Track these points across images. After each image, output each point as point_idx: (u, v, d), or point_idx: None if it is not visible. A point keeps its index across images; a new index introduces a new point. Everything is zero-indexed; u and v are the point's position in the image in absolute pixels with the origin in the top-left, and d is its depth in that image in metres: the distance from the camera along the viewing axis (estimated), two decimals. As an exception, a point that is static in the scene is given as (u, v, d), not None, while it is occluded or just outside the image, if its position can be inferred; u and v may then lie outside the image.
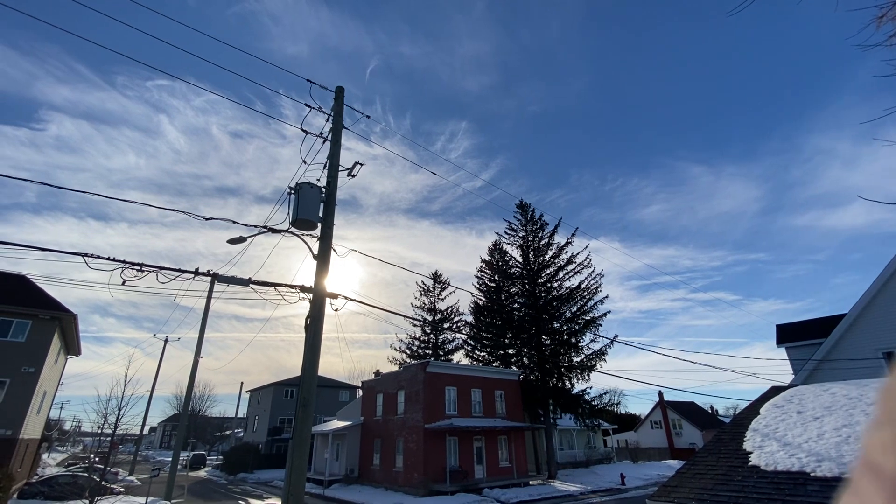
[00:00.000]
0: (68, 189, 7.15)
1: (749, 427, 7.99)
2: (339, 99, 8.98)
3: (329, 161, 8.61)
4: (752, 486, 6.07)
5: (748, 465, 6.65)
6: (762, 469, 6.36)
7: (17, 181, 7.12)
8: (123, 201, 7.36)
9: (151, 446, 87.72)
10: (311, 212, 7.95)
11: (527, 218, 37.12)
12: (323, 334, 7.75)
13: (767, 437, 7.30)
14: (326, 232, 8.08)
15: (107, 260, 6.80)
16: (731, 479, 6.43)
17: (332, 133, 8.74)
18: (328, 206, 8.23)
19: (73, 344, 29.64)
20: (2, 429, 20.99)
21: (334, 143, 8.64)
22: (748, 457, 6.88)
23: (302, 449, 6.82)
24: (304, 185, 8.04)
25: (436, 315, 42.07)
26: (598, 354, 31.63)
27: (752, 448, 7.12)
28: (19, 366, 22.05)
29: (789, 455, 6.38)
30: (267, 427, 45.25)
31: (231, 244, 9.46)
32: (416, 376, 26.77)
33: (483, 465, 26.15)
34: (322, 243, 8.06)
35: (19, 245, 6.58)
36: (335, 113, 8.84)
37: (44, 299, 24.26)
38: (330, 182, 8.37)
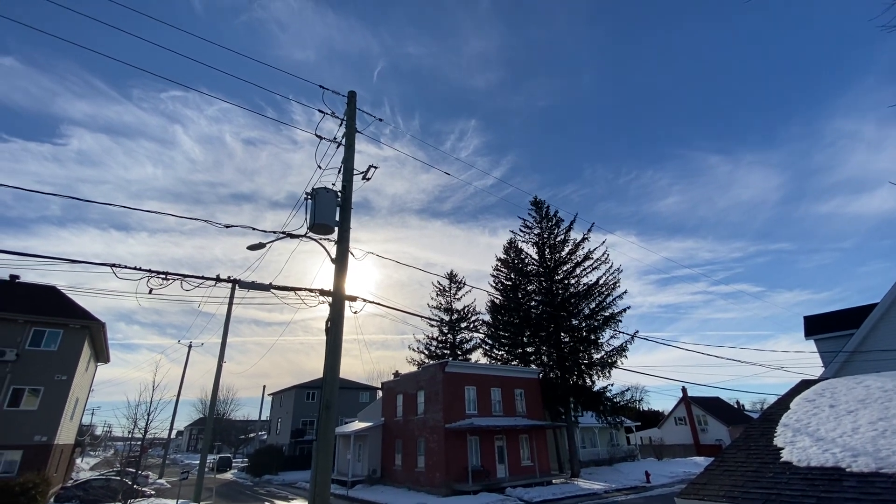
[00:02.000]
0: (92, 201, 7.38)
1: (779, 422, 7.79)
2: (352, 103, 9.05)
3: (343, 165, 8.69)
4: (785, 482, 5.91)
5: (780, 461, 6.48)
6: (795, 465, 6.19)
7: (42, 195, 7.31)
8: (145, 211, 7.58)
9: (179, 450, 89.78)
10: (327, 216, 8.03)
11: (541, 215, 36.86)
12: (343, 336, 7.83)
13: (799, 433, 7.10)
14: (343, 235, 8.16)
15: (133, 269, 6.99)
16: (763, 476, 6.28)
17: (345, 137, 8.82)
18: (344, 209, 8.31)
19: (103, 351, 30.56)
20: (38, 435, 21.77)
21: (348, 148, 8.71)
22: (779, 453, 6.70)
23: (326, 450, 6.90)
24: (321, 190, 8.14)
25: (453, 315, 42.11)
26: (618, 351, 31.22)
27: (783, 444, 6.94)
28: (52, 374, 22.84)
29: (823, 450, 6.20)
30: (290, 429, 45.91)
31: (251, 251, 9.62)
32: (435, 376, 26.84)
33: (505, 465, 26.06)
34: (339, 247, 8.13)
35: (51, 258, 6.81)
36: (348, 117, 8.92)
37: (73, 309, 25.07)
38: (345, 186, 8.45)
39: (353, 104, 9.07)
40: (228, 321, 20.82)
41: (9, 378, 21.65)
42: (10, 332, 22.31)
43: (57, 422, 22.47)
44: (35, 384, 22.30)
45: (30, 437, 21.52)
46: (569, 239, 35.27)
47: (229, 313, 20.86)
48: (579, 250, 34.48)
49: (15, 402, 21.70)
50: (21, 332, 22.61)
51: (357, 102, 9.22)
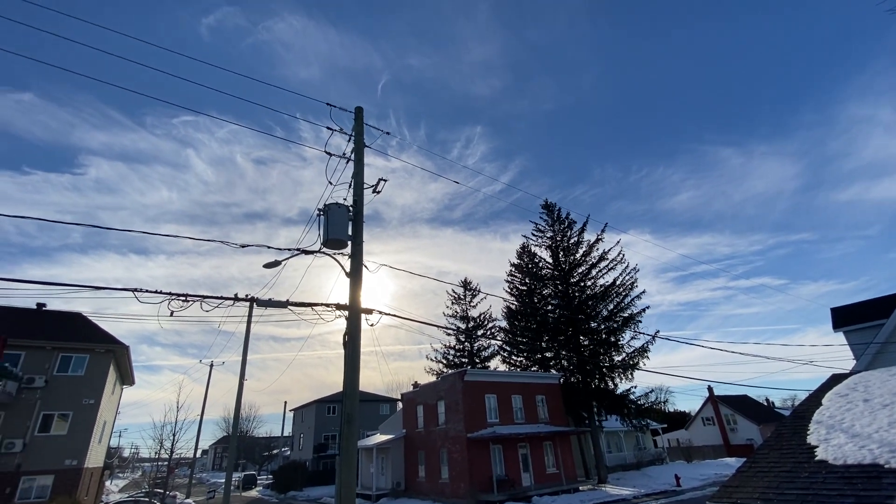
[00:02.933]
0: (111, 228, 7.58)
1: (812, 419, 7.55)
2: (359, 119, 9.18)
3: (353, 180, 8.79)
4: (822, 482, 5.71)
5: (815, 459, 6.27)
6: (831, 463, 5.98)
7: (64, 224, 7.68)
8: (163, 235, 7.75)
9: (204, 468, 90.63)
10: (340, 231, 8.11)
11: (553, 217, 36.66)
12: (360, 349, 7.85)
13: (833, 429, 6.87)
14: (357, 249, 8.22)
15: (154, 293, 7.14)
16: (798, 476, 6.08)
17: (354, 153, 8.93)
18: (356, 223, 8.39)
19: (127, 374, 31.16)
20: (68, 459, 22.21)
21: (357, 163, 8.82)
22: (814, 451, 6.49)
23: (349, 465, 6.90)
24: (332, 206, 8.23)
25: (469, 323, 41.94)
26: (639, 352, 30.69)
27: (817, 441, 6.71)
28: (80, 398, 23.34)
29: (859, 447, 5.99)
30: (312, 444, 46.03)
31: (267, 268, 9.76)
32: (455, 385, 26.69)
33: (530, 473, 25.69)
34: (353, 260, 8.20)
35: (75, 286, 7.00)
36: (356, 133, 9.03)
37: (99, 334, 25.67)
38: (356, 200, 8.53)
39: (360, 120, 9.19)
40: (248, 339, 21.06)
41: (39, 404, 22.19)
42: (38, 360, 22.92)
43: (86, 445, 22.92)
44: (64, 409, 22.82)
45: (60, 461, 21.97)
46: (582, 241, 34.98)
47: (248, 332, 21.12)
48: (594, 251, 34.16)
49: (45, 428, 22.21)
50: (49, 359, 23.21)
51: (363, 117, 9.34)
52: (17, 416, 21.53)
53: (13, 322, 24.33)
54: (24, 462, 21.09)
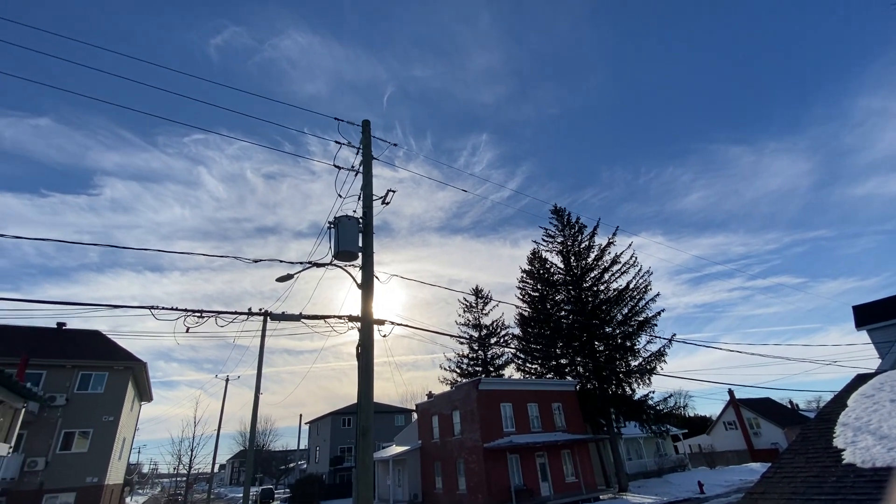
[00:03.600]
0: (127, 248, 7.74)
1: (837, 422, 7.33)
2: (367, 132, 9.29)
3: (363, 192, 8.87)
4: (850, 486, 5.53)
5: (842, 463, 6.08)
6: (859, 467, 5.79)
7: (81, 245, 7.89)
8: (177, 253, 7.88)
9: (222, 483, 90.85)
10: (351, 243, 8.18)
11: (563, 222, 36.47)
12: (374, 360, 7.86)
13: (860, 431, 6.66)
14: (367, 260, 8.27)
15: (170, 310, 7.26)
16: (825, 481, 5.89)
17: (362, 165, 9.02)
18: (366, 235, 8.45)
19: (146, 391, 31.51)
20: (90, 476, 22.45)
21: (366, 175, 8.90)
22: (841, 454, 6.29)
23: (366, 478, 6.87)
24: (342, 218, 8.31)
25: (481, 331, 41.72)
26: (656, 356, 30.20)
27: (843, 444, 6.51)
28: (100, 416, 23.65)
29: (888, 449, 5.79)
30: (328, 457, 45.93)
31: (279, 282, 9.86)
32: (469, 395, 26.50)
33: (548, 482, 25.30)
34: (364, 272, 8.24)
35: (93, 304, 7.14)
36: (364, 146, 9.14)
37: (117, 351, 26.06)
38: (366, 212, 8.60)
39: (367, 132, 9.30)
40: (262, 353, 21.21)
41: (60, 422, 22.52)
42: (59, 378, 23.31)
43: (106, 462, 23.16)
44: (84, 427, 23.12)
45: (82, 479, 22.21)
46: (594, 245, 34.71)
47: (262, 345, 21.26)
48: (605, 255, 33.85)
49: (67, 446, 22.50)
50: (69, 377, 23.59)
51: (371, 130, 9.45)
52: (40, 435, 21.86)
53: (35, 342, 24.84)
54: (46, 480, 21.36)
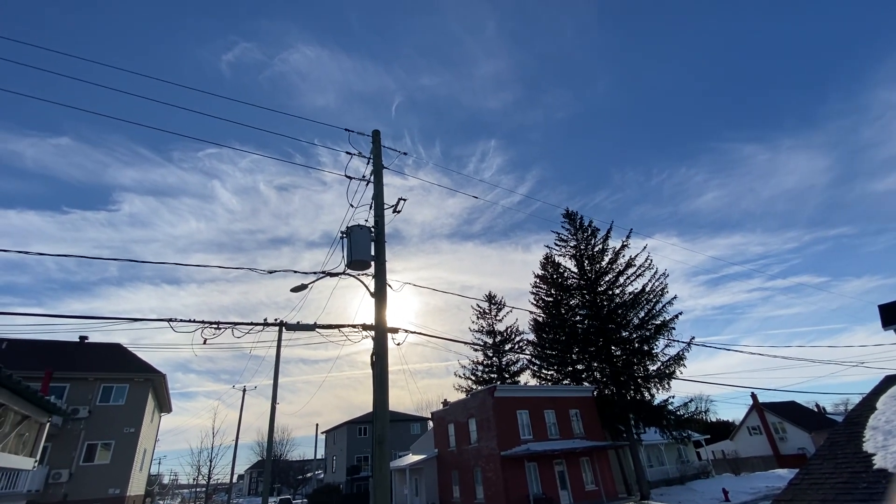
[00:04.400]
0: (145, 262, 7.90)
1: (866, 425, 7.08)
2: (377, 142, 9.37)
3: (374, 201, 8.94)
4: (882, 492, 5.32)
5: (873, 469, 5.86)
6: (891, 472, 5.58)
7: (101, 260, 8.08)
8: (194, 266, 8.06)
9: (241, 493, 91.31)
10: (363, 252, 8.23)
11: (576, 226, 36.20)
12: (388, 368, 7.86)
13: (891, 435, 6.43)
14: (380, 269, 8.30)
15: (188, 322, 7.37)
16: (856, 487, 5.68)
17: (373, 175, 9.10)
18: (378, 244, 8.49)
19: (165, 402, 31.97)
20: (112, 488, 22.79)
21: (377, 184, 8.97)
22: (871, 459, 6.07)
23: (383, 487, 6.84)
24: (355, 228, 8.38)
25: (495, 337, 41.47)
26: (675, 360, 29.63)
27: (874, 449, 6.29)
28: (122, 427, 24.04)
29: (923, 454, 5.57)
30: (345, 466, 45.89)
31: (294, 292, 9.96)
32: (485, 402, 26.30)
33: (568, 490, 24.89)
34: (377, 280, 8.27)
35: (113, 318, 7.29)
36: (374, 155, 9.22)
37: (137, 363, 26.52)
38: (377, 221, 8.66)
39: (377, 142, 9.38)
40: (278, 364, 21.36)
41: (83, 434, 22.96)
42: (82, 391, 23.80)
43: (128, 474, 23.49)
44: (106, 438, 23.52)
45: (104, 490, 22.56)
46: (607, 248, 34.36)
47: (278, 356, 21.43)
48: (620, 258, 33.46)
49: (90, 458, 22.90)
50: (92, 390, 24.07)
51: (381, 139, 9.54)
52: (63, 447, 22.30)
53: (58, 355, 25.43)
54: (70, 492, 21.74)
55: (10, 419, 4.10)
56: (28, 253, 6.48)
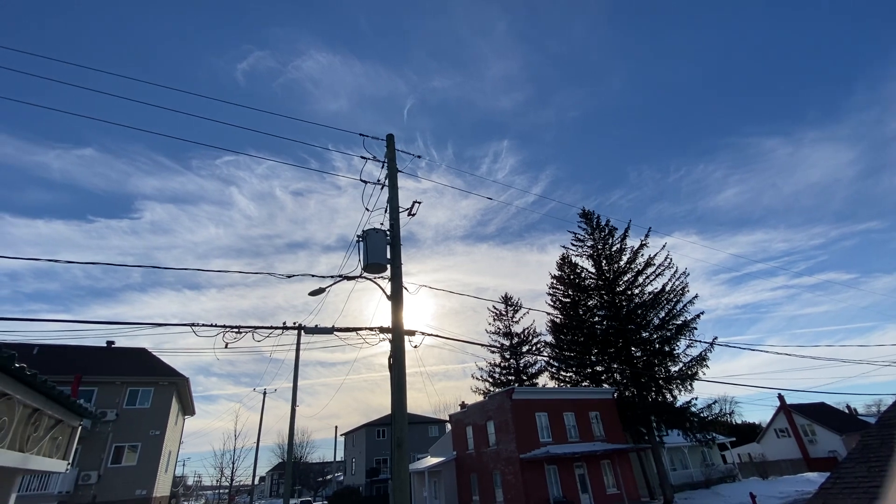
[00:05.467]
0: (167, 268, 8.10)
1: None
2: (391, 146, 9.44)
3: (389, 204, 8.99)
4: (922, 498, 5.11)
5: (910, 473, 5.62)
6: (930, 477, 5.35)
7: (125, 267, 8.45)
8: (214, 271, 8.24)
9: (262, 495, 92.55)
10: (379, 255, 8.28)
11: (592, 226, 35.77)
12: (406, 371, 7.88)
13: (929, 438, 6.17)
14: (396, 272, 8.34)
15: (210, 326, 7.52)
16: (891, 492, 5.46)
17: (388, 179, 9.16)
18: (394, 247, 8.54)
19: (188, 405, 32.65)
20: (138, 489, 23.35)
21: (392, 188, 9.03)
22: (908, 463, 5.83)
23: (402, 490, 6.86)
24: (370, 231, 8.44)
25: (513, 339, 41.23)
26: (697, 361, 28.99)
27: (911, 452, 6.04)
28: (147, 430, 24.63)
29: (964, 458, 5.33)
30: (364, 469, 46.15)
31: (312, 296, 10.07)
32: (503, 405, 26.15)
33: (589, 494, 24.55)
34: (393, 283, 8.31)
35: (138, 323, 7.49)
36: (389, 159, 9.28)
37: (161, 367, 27.16)
38: (393, 224, 8.70)
39: (392, 146, 9.44)
40: (297, 366, 21.63)
41: (111, 437, 23.60)
42: (109, 394, 24.49)
43: (154, 475, 24.04)
44: (133, 441, 24.13)
45: (131, 491, 23.13)
46: (625, 247, 33.85)
47: (297, 358, 21.69)
48: (638, 258, 32.94)
49: (117, 460, 23.53)
50: (119, 393, 24.74)
51: (395, 143, 9.59)
52: (92, 449, 22.95)
53: (86, 360, 26.22)
54: (98, 493, 22.36)
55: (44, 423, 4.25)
56: (57, 261, 6.70)
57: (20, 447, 4.17)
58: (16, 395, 3.83)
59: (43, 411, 4.52)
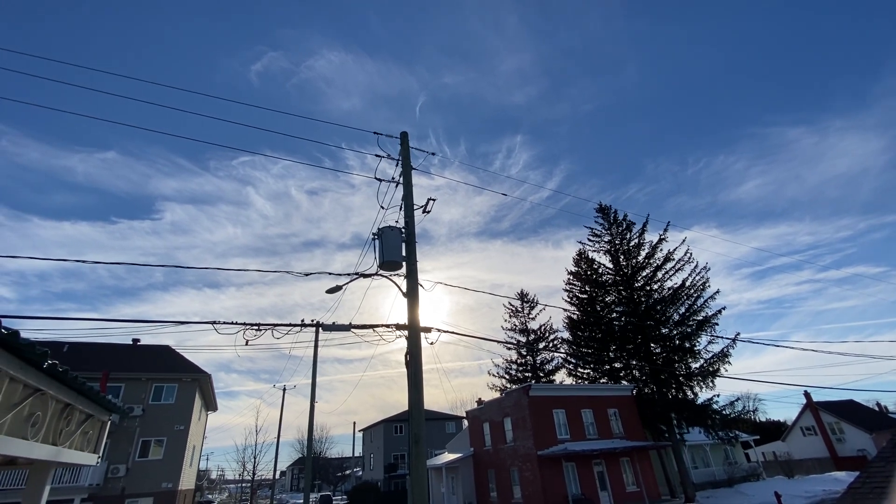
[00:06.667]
0: (188, 267, 8.28)
1: (936, 426, 6.57)
2: (405, 143, 9.46)
3: (404, 202, 9.03)
4: (958, 499, 4.92)
5: (945, 473, 5.43)
6: (967, 478, 5.15)
7: (147, 266, 8.73)
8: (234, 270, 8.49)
9: (283, 489, 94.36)
10: (394, 253, 8.33)
11: (609, 221, 35.30)
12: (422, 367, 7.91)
13: (966, 437, 5.93)
14: (411, 269, 8.38)
15: (231, 324, 7.67)
16: (926, 493, 5.28)
17: (402, 176, 9.19)
18: (409, 244, 8.57)
19: (211, 401, 33.43)
20: (165, 482, 24.04)
21: (406, 186, 9.05)
22: (943, 463, 5.62)
23: (420, 485, 6.91)
24: (386, 229, 8.49)
25: (529, 336, 41.03)
26: (719, 357, 28.43)
27: (946, 452, 5.82)
28: (172, 425, 25.31)
29: None
30: (382, 464, 46.60)
31: (329, 294, 10.18)
32: (520, 401, 26.08)
33: (608, 491, 24.35)
34: (409, 280, 8.35)
35: (161, 321, 7.69)
36: (403, 157, 9.31)
37: (185, 364, 27.85)
38: (407, 222, 8.74)
39: (406, 144, 9.47)
40: (315, 363, 21.94)
41: (138, 431, 24.33)
42: (136, 390, 25.23)
43: (179, 469, 24.71)
44: (159, 435, 24.83)
45: (158, 484, 23.83)
46: (644, 242, 33.32)
47: (316, 355, 22.01)
48: (657, 253, 32.40)
49: (144, 453, 24.26)
50: (144, 389, 25.47)
51: (409, 141, 9.61)
52: (120, 444, 23.70)
53: (113, 357, 27.05)
54: (127, 485, 23.10)
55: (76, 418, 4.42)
56: (84, 262, 6.93)
57: (53, 441, 4.34)
58: (49, 391, 3.98)
59: (74, 406, 4.68)
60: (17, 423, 3.59)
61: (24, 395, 3.63)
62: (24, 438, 3.70)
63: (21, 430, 3.67)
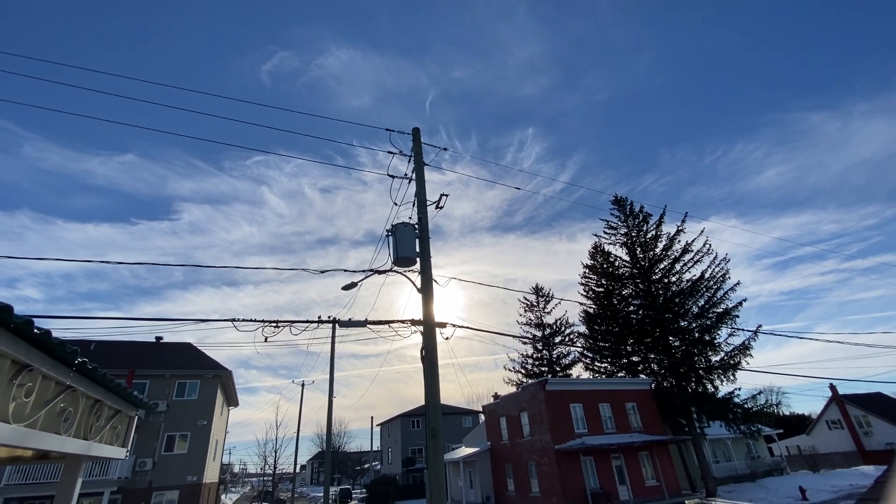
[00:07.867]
0: (207, 266, 8.47)
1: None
2: (417, 140, 9.48)
3: (416, 198, 9.05)
4: None
5: (979, 467, 5.25)
6: None
7: (167, 266, 9.00)
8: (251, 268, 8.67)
9: (304, 483, 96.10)
10: (408, 249, 8.38)
11: (625, 212, 34.83)
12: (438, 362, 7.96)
13: None
14: (425, 265, 8.42)
15: (250, 321, 7.83)
16: (957, 488, 5.12)
17: (415, 172, 9.21)
18: (422, 240, 8.61)
19: (232, 396, 34.18)
20: (189, 475, 24.72)
21: (419, 182, 9.08)
22: (976, 457, 5.44)
23: (437, 479, 6.97)
24: (399, 226, 8.54)
25: (544, 330, 40.84)
26: (740, 350, 27.93)
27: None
28: (195, 420, 25.97)
29: None
30: (400, 458, 47.10)
31: (345, 290, 10.30)
32: (536, 396, 26.04)
33: (627, 486, 24.20)
34: (423, 276, 8.39)
35: (182, 320, 7.89)
36: (415, 153, 9.33)
37: (206, 361, 28.50)
38: (421, 218, 8.77)
39: (418, 140, 9.48)
40: (333, 358, 22.23)
41: (163, 426, 25.04)
42: (160, 387, 25.94)
43: (203, 463, 25.38)
44: (183, 430, 25.52)
45: (183, 477, 24.52)
46: (661, 234, 32.81)
47: (333, 351, 22.29)
48: (675, 244, 31.88)
49: (169, 448, 24.96)
50: (168, 385, 26.17)
51: (421, 137, 9.62)
52: (147, 438, 24.43)
53: (138, 355, 27.84)
54: (153, 479, 23.82)
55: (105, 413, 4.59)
56: (107, 262, 7.14)
57: (84, 435, 4.51)
58: (79, 388, 4.14)
59: (103, 402, 4.85)
60: (51, 418, 3.75)
61: (56, 392, 3.79)
62: (57, 433, 3.86)
63: (54, 426, 3.84)
